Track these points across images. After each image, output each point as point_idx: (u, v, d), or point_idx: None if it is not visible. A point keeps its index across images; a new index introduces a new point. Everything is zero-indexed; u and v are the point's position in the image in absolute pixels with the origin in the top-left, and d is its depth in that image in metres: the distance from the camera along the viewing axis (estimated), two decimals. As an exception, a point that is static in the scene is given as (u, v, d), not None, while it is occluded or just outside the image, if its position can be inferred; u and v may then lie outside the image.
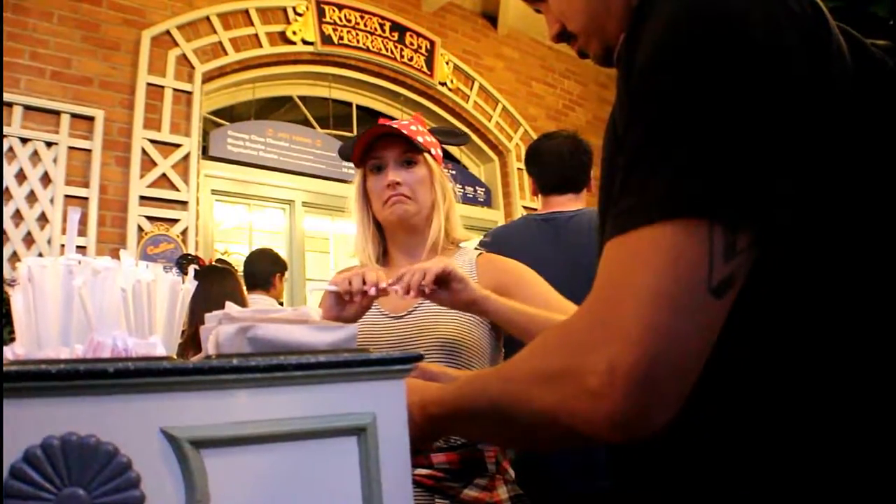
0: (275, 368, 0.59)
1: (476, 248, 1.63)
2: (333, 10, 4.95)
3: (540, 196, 2.35)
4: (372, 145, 1.51)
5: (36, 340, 0.75)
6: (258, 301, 3.46)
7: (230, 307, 0.70)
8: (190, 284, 0.86)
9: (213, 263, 3.23)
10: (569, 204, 2.26)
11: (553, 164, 2.30)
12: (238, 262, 4.39)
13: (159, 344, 0.63)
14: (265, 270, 3.70)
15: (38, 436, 0.51)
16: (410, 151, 1.50)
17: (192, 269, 0.94)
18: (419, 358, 0.65)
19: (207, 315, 0.70)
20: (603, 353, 0.56)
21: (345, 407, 0.62)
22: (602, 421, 0.56)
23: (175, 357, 0.60)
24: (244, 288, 3.25)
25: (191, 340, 2.33)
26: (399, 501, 0.62)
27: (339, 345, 0.67)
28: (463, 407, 0.77)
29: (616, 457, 0.78)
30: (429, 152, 1.53)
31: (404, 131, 1.48)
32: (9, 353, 0.68)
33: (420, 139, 1.50)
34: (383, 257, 1.60)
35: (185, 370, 0.55)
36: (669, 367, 0.55)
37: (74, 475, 0.51)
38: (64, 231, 3.46)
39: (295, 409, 0.60)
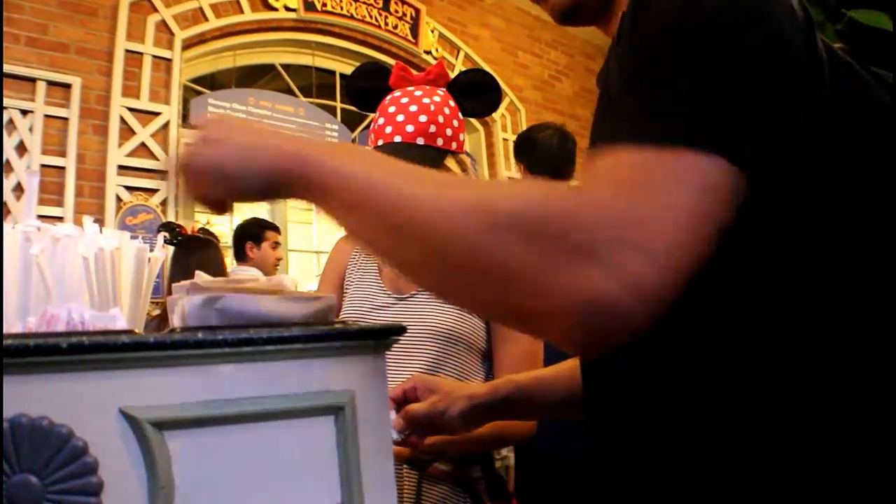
0: (243, 343, 0.54)
1: None
2: (316, -24, 4.84)
3: None
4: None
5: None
6: (238, 271, 3.44)
7: (199, 276, 0.65)
8: (159, 252, 0.81)
9: (196, 233, 3.17)
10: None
11: (544, 153, 2.53)
12: (221, 233, 4.34)
13: (119, 316, 0.59)
14: (235, 243, 3.76)
15: (-16, 418, 0.46)
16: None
17: (161, 236, 0.89)
18: (401, 330, 0.61)
19: (175, 285, 0.65)
20: (632, 260, 0.51)
21: (321, 384, 0.57)
22: (601, 317, 0.52)
23: (137, 331, 0.56)
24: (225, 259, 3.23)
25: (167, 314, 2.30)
26: (379, 484, 0.58)
27: (316, 317, 0.63)
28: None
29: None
30: (450, 150, 1.38)
31: (420, 139, 1.33)
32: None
33: (440, 140, 1.36)
34: None
35: (146, 345, 0.51)
36: (675, 291, 0.53)
37: (25, 461, 0.47)
38: (42, 202, 3.40)
39: (266, 387, 0.55)
